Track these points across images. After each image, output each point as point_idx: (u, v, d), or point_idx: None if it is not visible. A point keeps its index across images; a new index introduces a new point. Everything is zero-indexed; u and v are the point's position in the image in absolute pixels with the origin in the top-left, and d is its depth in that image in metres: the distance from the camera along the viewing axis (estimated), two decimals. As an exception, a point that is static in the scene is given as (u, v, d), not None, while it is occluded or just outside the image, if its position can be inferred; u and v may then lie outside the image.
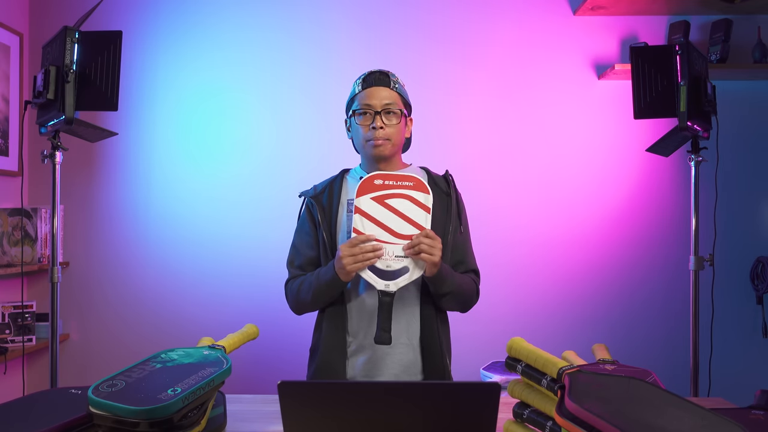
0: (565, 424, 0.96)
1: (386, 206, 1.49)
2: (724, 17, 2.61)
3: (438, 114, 2.70)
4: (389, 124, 1.59)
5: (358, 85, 1.63)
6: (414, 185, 1.50)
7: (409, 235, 1.47)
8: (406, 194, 1.50)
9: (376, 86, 1.60)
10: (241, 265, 2.68)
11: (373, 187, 1.51)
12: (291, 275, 1.67)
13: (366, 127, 1.59)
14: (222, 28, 2.71)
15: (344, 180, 1.69)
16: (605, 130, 2.71)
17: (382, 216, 1.48)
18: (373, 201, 1.50)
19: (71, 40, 1.78)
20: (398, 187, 1.50)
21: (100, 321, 2.71)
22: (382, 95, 1.59)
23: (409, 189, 1.50)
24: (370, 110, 1.59)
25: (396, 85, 1.62)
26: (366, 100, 1.59)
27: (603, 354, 1.35)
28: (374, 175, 1.52)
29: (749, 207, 2.72)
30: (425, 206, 1.49)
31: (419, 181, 1.51)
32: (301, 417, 1.00)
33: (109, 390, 1.01)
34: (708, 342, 2.48)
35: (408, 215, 1.48)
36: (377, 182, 1.51)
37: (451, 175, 1.70)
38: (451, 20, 2.71)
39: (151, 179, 2.71)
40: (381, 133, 1.57)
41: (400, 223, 1.48)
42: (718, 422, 0.92)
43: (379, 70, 1.64)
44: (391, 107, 1.59)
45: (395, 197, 1.50)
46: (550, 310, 2.70)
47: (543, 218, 2.70)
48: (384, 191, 1.50)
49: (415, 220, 1.48)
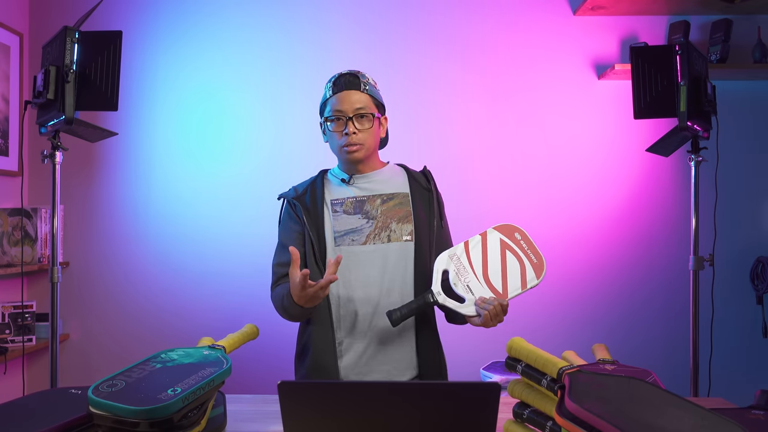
0: (565, 424, 0.96)
1: (502, 253, 1.55)
2: (724, 17, 2.61)
3: (438, 114, 2.70)
4: (362, 128, 1.59)
5: (329, 89, 1.62)
6: (536, 263, 1.55)
7: (492, 285, 1.52)
8: (523, 262, 1.54)
9: (346, 90, 1.59)
10: (241, 265, 2.68)
11: (510, 236, 1.57)
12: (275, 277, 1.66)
13: (339, 134, 1.60)
14: (222, 28, 2.71)
15: (325, 181, 1.70)
16: (605, 130, 2.71)
17: (492, 256, 1.54)
18: (499, 241, 1.56)
19: (71, 40, 1.78)
20: (524, 251, 1.56)
21: (100, 321, 2.71)
22: (353, 99, 1.58)
23: (529, 261, 1.55)
24: (342, 116, 1.58)
25: (367, 87, 1.61)
26: (337, 106, 1.59)
27: (603, 354, 1.35)
28: (519, 230, 1.57)
29: (749, 207, 2.72)
30: (525, 282, 1.53)
31: (541, 264, 1.55)
32: (301, 417, 1.00)
33: (109, 390, 1.01)
34: (708, 342, 2.48)
35: (508, 274, 1.53)
36: (517, 236, 1.57)
37: (430, 171, 1.71)
38: (451, 21, 2.71)
39: (151, 179, 2.71)
40: (354, 138, 1.58)
41: (497, 273, 1.53)
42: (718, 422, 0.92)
43: (348, 72, 1.62)
44: (362, 111, 1.59)
45: (514, 254, 1.55)
46: (550, 310, 2.70)
47: (543, 218, 2.70)
48: (512, 243, 1.56)
49: (508, 283, 1.53)
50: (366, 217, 1.61)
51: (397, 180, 1.67)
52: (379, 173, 1.67)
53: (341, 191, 1.65)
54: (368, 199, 1.63)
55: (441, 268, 1.53)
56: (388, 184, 1.65)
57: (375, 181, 1.65)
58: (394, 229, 1.60)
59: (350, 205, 1.62)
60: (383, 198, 1.63)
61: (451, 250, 1.55)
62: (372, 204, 1.62)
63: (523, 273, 1.53)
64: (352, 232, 1.60)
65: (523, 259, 1.54)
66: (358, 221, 1.61)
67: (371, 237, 1.59)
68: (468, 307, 1.50)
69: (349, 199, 1.63)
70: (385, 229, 1.60)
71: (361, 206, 1.62)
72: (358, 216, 1.61)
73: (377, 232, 1.60)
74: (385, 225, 1.60)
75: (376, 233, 1.60)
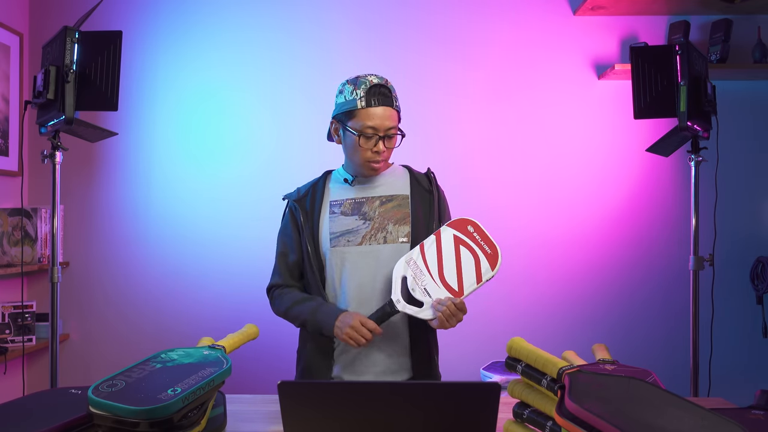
0: (565, 424, 0.96)
1: (456, 249, 1.53)
2: (724, 17, 2.61)
3: (438, 114, 2.70)
4: (389, 146, 1.60)
5: (360, 99, 1.54)
6: (490, 254, 1.54)
7: (449, 284, 1.51)
8: (477, 255, 1.54)
9: (382, 106, 1.55)
10: (241, 265, 2.68)
11: (464, 230, 1.55)
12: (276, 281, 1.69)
13: (367, 150, 1.57)
14: (222, 28, 2.71)
15: (327, 182, 1.69)
16: (605, 130, 2.71)
17: (447, 254, 1.53)
18: (453, 237, 1.55)
19: (71, 40, 1.78)
20: (477, 243, 1.55)
21: (100, 321, 2.71)
22: (387, 117, 1.55)
23: (483, 253, 1.54)
24: (375, 133, 1.56)
25: (396, 103, 1.60)
26: (370, 122, 1.54)
27: (603, 354, 1.35)
28: (472, 222, 1.56)
29: (749, 207, 2.72)
30: (480, 276, 1.52)
31: (496, 254, 1.54)
32: (301, 417, 1.00)
33: (109, 390, 1.01)
34: (708, 342, 2.48)
35: (462, 270, 1.52)
36: (470, 228, 1.56)
37: (433, 173, 1.70)
38: (451, 20, 2.71)
39: (151, 179, 2.71)
40: (382, 156, 1.59)
41: (452, 271, 1.52)
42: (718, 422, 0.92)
43: (381, 84, 1.56)
44: (393, 131, 1.58)
45: (468, 248, 1.54)
46: (550, 310, 2.70)
47: (543, 218, 2.70)
48: (465, 237, 1.55)
49: (463, 278, 1.52)
50: (363, 218, 1.61)
51: (399, 182, 1.67)
52: (382, 175, 1.67)
53: (342, 192, 1.65)
54: (367, 201, 1.63)
55: (399, 274, 1.51)
56: (389, 186, 1.65)
57: (377, 183, 1.65)
58: (391, 231, 1.60)
59: (349, 207, 1.63)
60: (382, 200, 1.63)
61: (407, 255, 1.54)
62: (370, 205, 1.62)
63: (477, 267, 1.52)
64: (347, 233, 1.60)
65: (477, 251, 1.53)
66: (355, 222, 1.61)
67: (367, 238, 1.60)
68: (426, 311, 1.49)
69: (348, 200, 1.63)
70: (381, 231, 1.60)
71: (360, 207, 1.62)
72: (355, 217, 1.61)
73: (373, 233, 1.60)
74: (382, 226, 1.60)
75: (372, 234, 1.60)
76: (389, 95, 1.57)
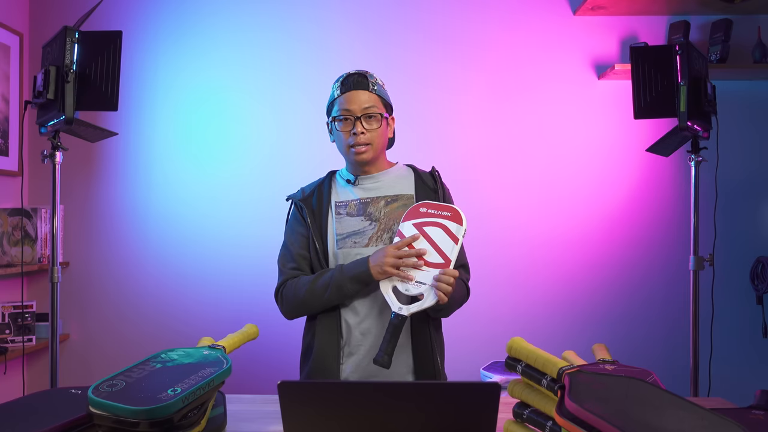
0: (565, 424, 0.96)
1: (423, 233, 1.53)
2: (724, 17, 2.61)
3: (438, 114, 2.70)
4: (370, 128, 1.58)
5: (336, 89, 1.61)
6: (451, 216, 1.53)
7: (434, 263, 1.49)
8: (442, 223, 1.53)
9: (355, 90, 1.58)
10: (241, 265, 2.68)
11: (417, 214, 1.55)
12: (286, 276, 1.64)
13: (347, 133, 1.59)
14: (222, 28, 2.71)
15: (332, 182, 1.69)
16: (605, 130, 2.71)
17: (418, 243, 1.52)
18: (414, 227, 1.54)
19: (71, 40, 1.78)
20: (436, 216, 1.54)
21: (100, 321, 2.71)
22: (362, 99, 1.57)
23: (446, 219, 1.53)
24: (350, 116, 1.57)
25: (375, 87, 1.60)
26: (345, 105, 1.58)
27: (603, 354, 1.35)
28: (421, 204, 1.55)
29: (749, 207, 2.72)
30: (455, 236, 1.51)
31: (456, 212, 1.53)
32: (301, 417, 1.00)
33: (109, 390, 1.01)
34: (708, 342, 2.48)
35: (438, 244, 1.51)
36: (422, 210, 1.55)
37: (438, 171, 1.70)
38: (451, 20, 2.71)
39: (151, 179, 2.71)
40: (362, 138, 1.57)
41: (430, 250, 1.51)
42: (718, 422, 0.92)
43: (357, 72, 1.61)
44: (371, 111, 1.58)
45: (431, 225, 1.53)
46: (550, 310, 2.70)
47: (543, 218, 2.70)
48: (424, 218, 1.54)
49: (442, 250, 1.51)
50: (369, 219, 1.61)
51: (403, 181, 1.66)
52: (386, 174, 1.66)
53: (347, 193, 1.65)
54: (372, 201, 1.62)
55: (387, 288, 1.50)
56: (394, 186, 1.65)
57: (380, 183, 1.65)
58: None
59: (354, 208, 1.62)
60: (387, 200, 1.62)
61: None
62: (376, 206, 1.62)
63: (448, 232, 1.52)
64: (354, 235, 1.60)
65: (440, 221, 1.53)
66: (361, 223, 1.60)
67: (374, 239, 1.59)
68: (429, 298, 1.48)
69: (353, 201, 1.63)
70: (387, 231, 1.59)
71: (365, 208, 1.61)
72: (360, 218, 1.61)
73: (380, 234, 1.59)
74: (388, 227, 1.60)
75: (378, 235, 1.59)
76: (365, 81, 1.60)
